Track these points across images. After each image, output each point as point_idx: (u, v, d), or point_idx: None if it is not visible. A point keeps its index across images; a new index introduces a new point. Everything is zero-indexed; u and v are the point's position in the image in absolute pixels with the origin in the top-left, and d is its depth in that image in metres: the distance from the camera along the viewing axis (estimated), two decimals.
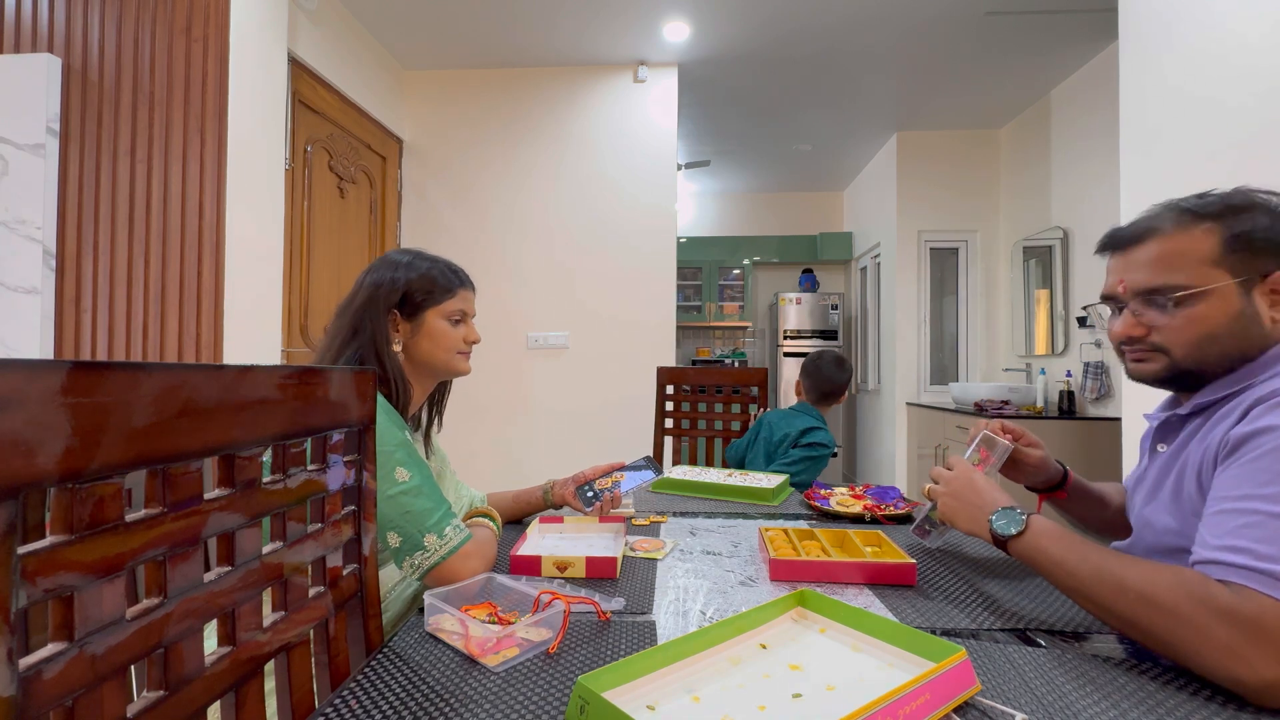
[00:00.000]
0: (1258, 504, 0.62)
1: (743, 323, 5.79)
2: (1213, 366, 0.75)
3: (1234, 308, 0.72)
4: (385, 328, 1.01)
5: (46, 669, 0.37)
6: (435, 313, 1.04)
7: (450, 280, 1.06)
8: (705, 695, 0.58)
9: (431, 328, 1.04)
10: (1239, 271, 0.72)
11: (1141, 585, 0.64)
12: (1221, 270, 0.72)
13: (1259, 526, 0.61)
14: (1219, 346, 0.74)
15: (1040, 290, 3.76)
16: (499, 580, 0.83)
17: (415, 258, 1.06)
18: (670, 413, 2.27)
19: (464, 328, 1.08)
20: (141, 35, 2.04)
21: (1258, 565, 0.59)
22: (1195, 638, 0.60)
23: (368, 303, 1.01)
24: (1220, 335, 0.73)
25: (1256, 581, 0.59)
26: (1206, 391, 0.77)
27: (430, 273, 1.05)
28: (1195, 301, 0.74)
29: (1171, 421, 0.83)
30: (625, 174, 3.40)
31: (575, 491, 1.21)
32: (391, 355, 1.01)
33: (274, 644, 0.59)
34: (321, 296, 2.76)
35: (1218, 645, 0.58)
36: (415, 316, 1.04)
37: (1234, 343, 0.73)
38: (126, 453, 0.42)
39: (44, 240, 1.97)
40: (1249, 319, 0.72)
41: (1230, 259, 0.72)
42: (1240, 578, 0.60)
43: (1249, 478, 0.64)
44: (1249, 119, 1.57)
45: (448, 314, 1.05)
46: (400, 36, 3.12)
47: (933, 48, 3.19)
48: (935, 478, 0.93)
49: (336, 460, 0.68)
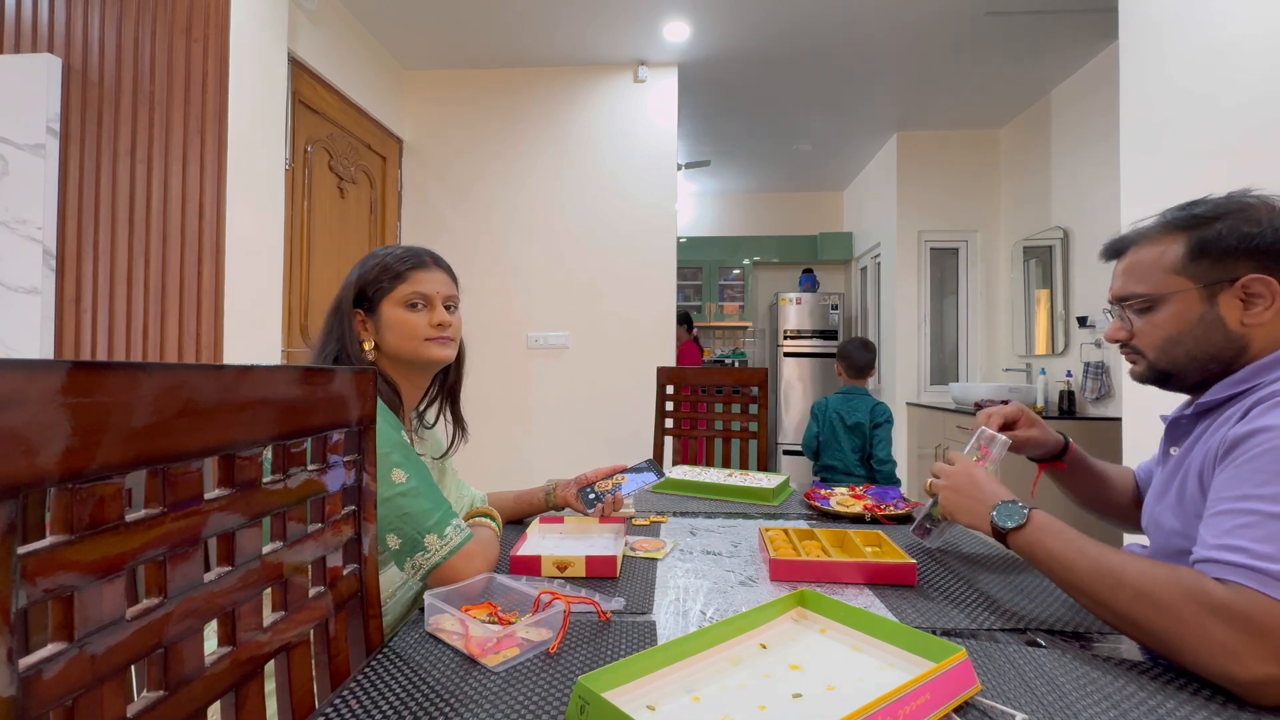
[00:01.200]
0: (1255, 504, 0.63)
1: (743, 323, 5.79)
2: (1184, 368, 0.79)
3: (1195, 312, 0.76)
4: (353, 329, 1.00)
5: (46, 669, 0.37)
6: (389, 302, 1.00)
7: (399, 264, 1.01)
8: (705, 695, 0.58)
9: (389, 318, 1.00)
10: (1202, 278, 0.75)
11: (1138, 581, 0.64)
12: (1183, 278, 0.77)
13: (1256, 526, 0.61)
14: (1183, 349, 0.78)
15: (1040, 290, 3.76)
16: (499, 580, 0.83)
17: (374, 253, 1.04)
18: (670, 413, 2.27)
19: (428, 312, 1.01)
20: (141, 35, 2.04)
21: (1254, 564, 0.60)
22: (1190, 635, 0.60)
23: (335, 307, 1.01)
24: (1183, 338, 0.77)
25: (1252, 580, 0.59)
26: (1212, 392, 0.78)
27: (384, 261, 1.01)
28: (1158, 307, 0.79)
29: (1181, 423, 0.84)
30: (625, 174, 3.40)
31: (577, 493, 1.21)
32: (361, 356, 0.99)
33: (274, 644, 0.59)
34: (321, 296, 2.76)
35: (1212, 642, 0.59)
36: (374, 311, 1.01)
37: (1198, 345, 0.77)
38: (126, 453, 0.42)
39: (44, 240, 1.97)
40: (1211, 323, 0.76)
41: (1192, 267, 0.76)
42: (1237, 576, 0.60)
43: (1247, 478, 0.65)
44: (1249, 118, 1.57)
45: (403, 300, 1.00)
46: (400, 36, 3.12)
47: (933, 48, 3.19)
48: (936, 473, 0.94)
49: (336, 460, 0.68)
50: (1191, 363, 0.78)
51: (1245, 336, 0.75)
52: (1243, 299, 0.74)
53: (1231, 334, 0.75)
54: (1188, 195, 0.83)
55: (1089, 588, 0.69)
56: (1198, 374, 0.79)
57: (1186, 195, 0.83)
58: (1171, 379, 0.82)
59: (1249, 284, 0.73)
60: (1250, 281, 0.73)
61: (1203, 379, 0.79)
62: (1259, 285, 0.73)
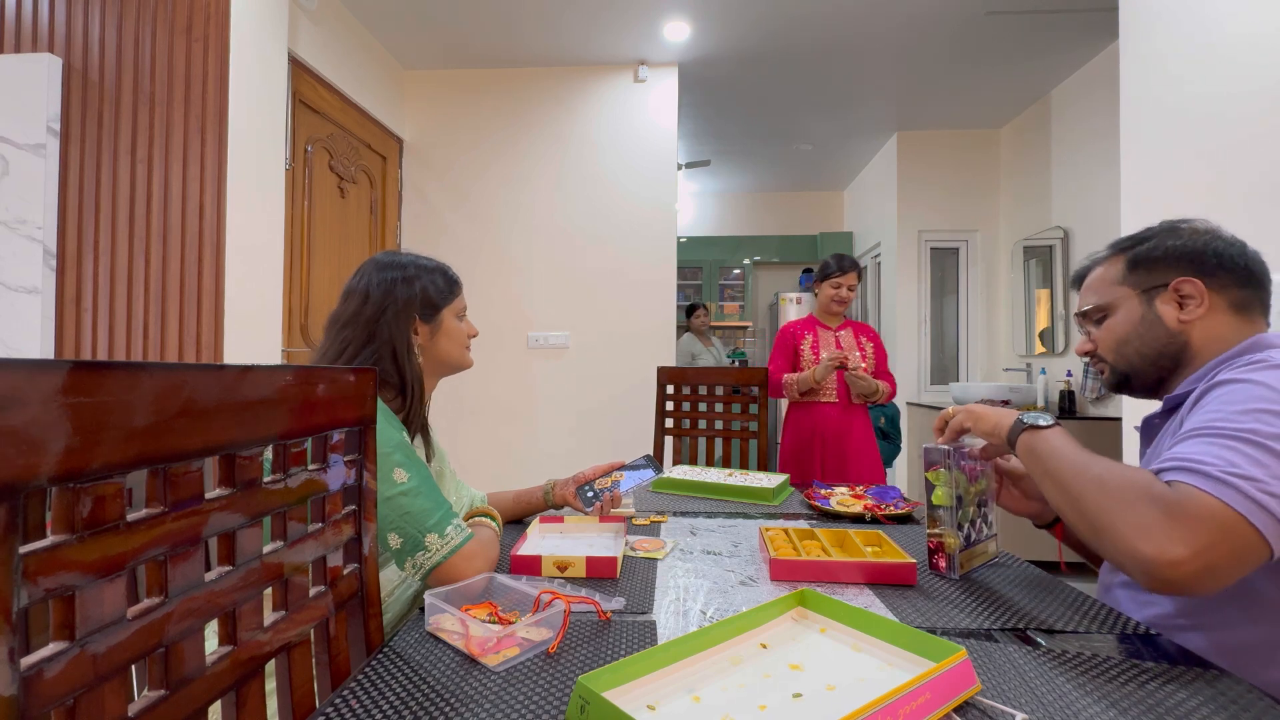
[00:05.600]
0: (1208, 428, 0.70)
1: (743, 322, 5.78)
2: (1138, 366, 0.88)
3: (1137, 314, 0.88)
4: (407, 333, 1.02)
5: (48, 668, 0.37)
6: (449, 311, 1.08)
7: (454, 278, 1.12)
8: (705, 695, 0.58)
9: (449, 327, 1.08)
10: (1139, 284, 0.87)
11: (1103, 473, 0.71)
12: (1125, 287, 0.89)
13: (1206, 442, 0.69)
14: (1133, 348, 0.88)
15: (1041, 290, 3.76)
16: (499, 580, 0.83)
17: (414, 261, 1.06)
18: (670, 412, 2.27)
19: (466, 323, 1.13)
20: (142, 35, 2.04)
21: (1196, 465, 0.66)
22: (1118, 514, 0.67)
23: (383, 309, 1.01)
24: (1131, 338, 0.88)
25: (1191, 478, 0.66)
26: (1180, 387, 0.85)
27: (436, 274, 1.08)
28: (1109, 314, 0.91)
29: (1154, 422, 0.91)
30: (626, 174, 3.40)
31: (575, 492, 1.21)
32: (413, 360, 1.02)
33: (274, 644, 0.59)
34: (321, 296, 2.76)
35: (1133, 522, 0.65)
36: (434, 318, 1.06)
37: (1144, 344, 0.87)
38: (127, 452, 0.42)
39: (44, 240, 1.97)
40: (1152, 322, 0.86)
41: (1131, 277, 0.88)
42: (1179, 475, 0.67)
43: (1202, 415, 0.72)
44: (1249, 118, 1.57)
45: (458, 311, 1.10)
46: (400, 36, 3.12)
47: (933, 48, 3.19)
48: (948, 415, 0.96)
49: (337, 460, 0.68)
50: (1144, 361, 0.88)
51: (1184, 333, 0.84)
52: (1177, 300, 0.85)
53: (1171, 331, 0.85)
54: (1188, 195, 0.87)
55: (1065, 480, 0.74)
56: (1153, 372, 0.88)
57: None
58: (1132, 380, 0.91)
59: (1179, 285, 0.84)
60: (1180, 284, 0.84)
61: (1159, 378, 0.88)
62: (1188, 286, 0.83)
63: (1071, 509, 0.73)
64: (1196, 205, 1.66)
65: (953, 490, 0.91)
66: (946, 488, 0.91)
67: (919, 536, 1.14)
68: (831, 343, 2.39)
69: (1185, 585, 0.63)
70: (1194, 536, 0.62)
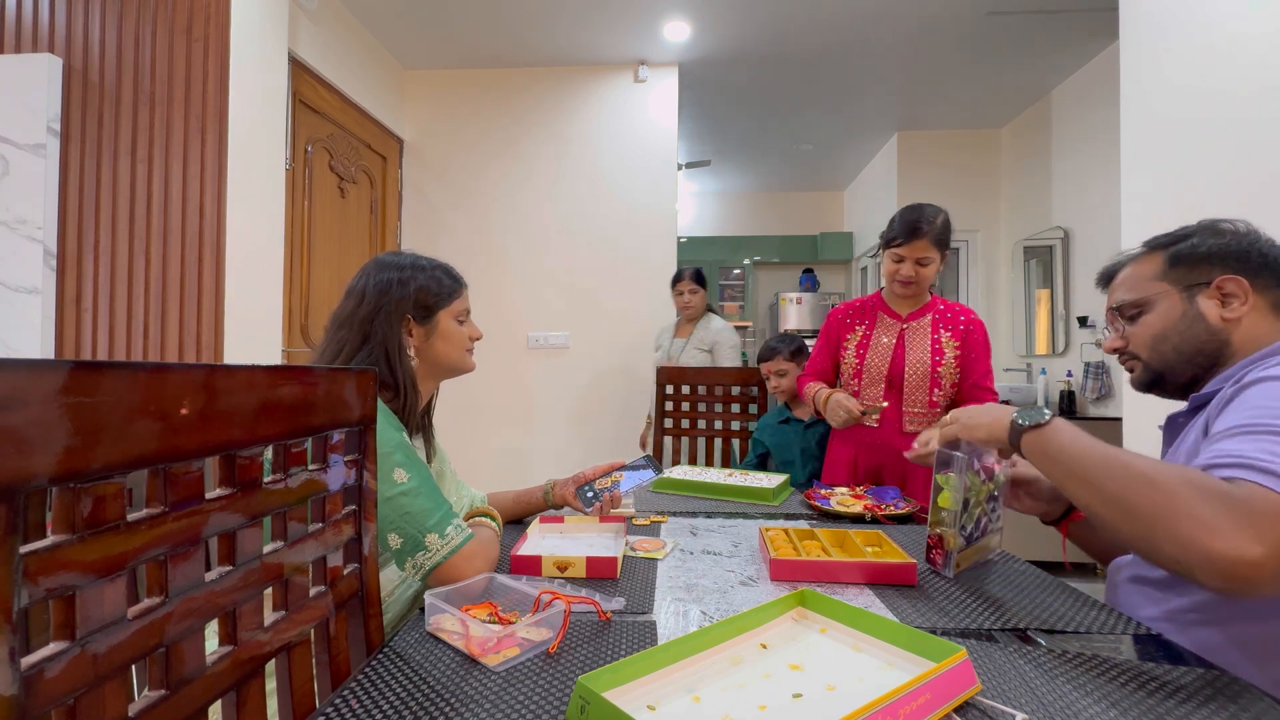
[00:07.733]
0: (1254, 425, 0.67)
1: (743, 322, 5.78)
2: (1174, 363, 0.86)
3: (1177, 310, 0.86)
4: (399, 334, 1.01)
5: (48, 668, 0.37)
6: (447, 313, 1.06)
7: (456, 280, 1.10)
8: (706, 695, 0.58)
9: (445, 329, 1.06)
10: (1180, 281, 0.86)
11: (1146, 469, 0.67)
12: (1165, 283, 0.87)
13: (1257, 439, 0.65)
14: (1171, 344, 0.86)
15: (1041, 290, 3.76)
16: (499, 580, 0.83)
17: (414, 261, 1.06)
18: (670, 412, 2.27)
19: (469, 325, 1.11)
20: (142, 35, 2.04)
21: (1255, 462, 0.63)
22: (1179, 510, 0.62)
23: (377, 310, 1.01)
24: (1170, 334, 0.86)
25: (1253, 475, 0.62)
26: (1209, 386, 0.83)
27: (436, 274, 1.06)
28: (1146, 311, 0.89)
29: (1178, 420, 0.89)
30: (626, 174, 3.40)
31: (575, 492, 1.21)
32: (405, 361, 1.01)
33: (275, 644, 0.59)
34: (321, 296, 2.76)
35: (1198, 518, 0.61)
36: (429, 320, 1.05)
37: (1184, 340, 0.85)
38: (127, 452, 0.42)
39: (44, 240, 1.97)
40: (1193, 319, 0.84)
41: (1172, 273, 0.87)
42: (1238, 473, 0.63)
43: (1242, 413, 0.70)
44: (1249, 117, 1.57)
45: (457, 314, 1.08)
46: (400, 36, 3.12)
47: (933, 48, 3.18)
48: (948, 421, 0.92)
49: (337, 460, 0.68)
50: (1180, 358, 0.86)
51: (1226, 330, 0.82)
52: (1219, 298, 0.83)
53: (1213, 328, 0.83)
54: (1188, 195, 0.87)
55: (1094, 475, 0.70)
56: (1188, 370, 0.86)
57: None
58: (1165, 378, 0.88)
59: (1222, 284, 0.82)
60: (1223, 281, 0.82)
61: (1193, 377, 0.86)
62: (1232, 285, 0.82)
63: (1110, 508, 0.68)
64: (1196, 205, 1.66)
65: (960, 495, 0.91)
66: (955, 492, 0.91)
67: (919, 536, 1.14)
68: (889, 345, 1.66)
69: (1260, 584, 0.59)
70: (1270, 534, 0.58)
